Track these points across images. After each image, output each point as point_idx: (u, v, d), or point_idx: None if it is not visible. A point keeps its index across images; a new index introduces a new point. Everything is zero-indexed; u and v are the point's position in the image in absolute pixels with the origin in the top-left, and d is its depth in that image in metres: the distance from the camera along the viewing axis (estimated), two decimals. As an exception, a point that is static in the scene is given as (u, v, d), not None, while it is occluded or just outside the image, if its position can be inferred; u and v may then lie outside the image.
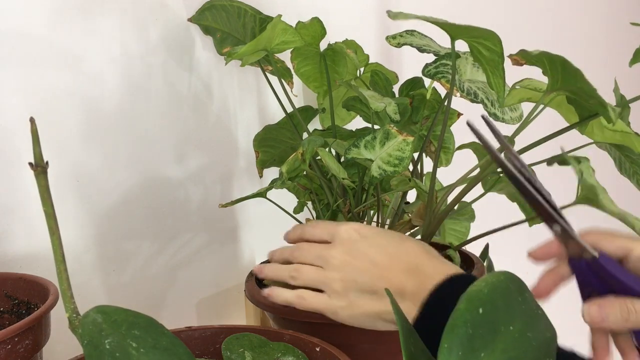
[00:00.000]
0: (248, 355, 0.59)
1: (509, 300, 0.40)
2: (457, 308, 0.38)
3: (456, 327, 0.37)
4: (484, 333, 0.38)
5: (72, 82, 0.74)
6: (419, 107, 0.80)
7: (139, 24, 0.80)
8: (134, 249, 0.82)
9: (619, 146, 0.72)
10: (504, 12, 1.54)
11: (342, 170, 0.68)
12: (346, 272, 0.61)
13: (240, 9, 0.84)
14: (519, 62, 0.62)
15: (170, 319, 0.86)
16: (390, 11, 0.68)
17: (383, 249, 0.61)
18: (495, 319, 0.39)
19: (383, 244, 0.62)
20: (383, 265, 0.60)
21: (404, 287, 0.58)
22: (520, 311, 0.41)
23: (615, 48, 1.88)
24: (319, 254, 0.64)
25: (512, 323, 0.40)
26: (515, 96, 0.71)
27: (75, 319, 0.41)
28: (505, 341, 0.38)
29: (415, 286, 0.57)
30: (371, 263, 0.61)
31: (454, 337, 0.37)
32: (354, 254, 0.62)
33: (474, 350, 0.37)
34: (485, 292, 0.39)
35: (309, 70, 0.87)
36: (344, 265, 0.62)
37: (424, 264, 0.59)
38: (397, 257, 0.60)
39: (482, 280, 0.40)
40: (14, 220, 0.70)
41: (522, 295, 0.42)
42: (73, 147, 0.75)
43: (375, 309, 0.60)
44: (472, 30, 0.63)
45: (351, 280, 0.61)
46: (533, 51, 0.61)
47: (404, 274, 0.59)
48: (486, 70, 0.67)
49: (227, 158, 0.94)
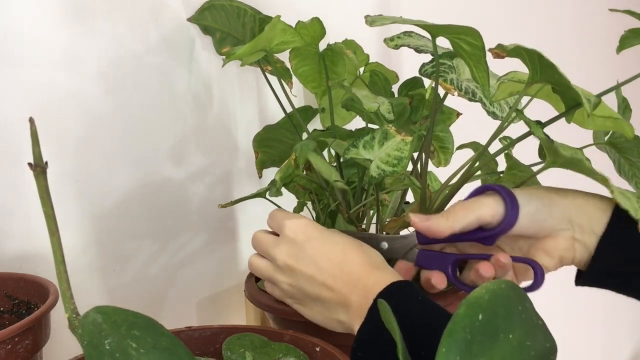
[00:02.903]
0: (249, 355, 0.59)
1: (509, 308, 0.40)
2: (456, 313, 0.38)
3: (455, 332, 0.37)
4: (482, 339, 0.37)
5: (71, 82, 0.74)
6: (418, 106, 0.80)
7: (138, 24, 0.80)
8: (134, 249, 0.82)
9: (619, 148, 0.72)
10: (504, 11, 1.54)
11: (334, 173, 0.68)
12: (292, 278, 0.64)
13: (240, 9, 0.84)
14: (500, 55, 0.63)
15: (170, 319, 0.86)
16: (368, 16, 0.69)
17: (327, 258, 0.62)
18: (494, 326, 0.38)
19: (328, 251, 0.63)
20: (328, 274, 0.62)
21: (349, 300, 0.60)
22: (520, 320, 0.40)
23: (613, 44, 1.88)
24: (266, 250, 0.67)
25: (512, 331, 0.39)
26: (505, 90, 0.71)
27: (75, 319, 0.41)
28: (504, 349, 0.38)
29: (359, 298, 0.59)
30: (317, 271, 0.62)
31: (452, 342, 0.36)
32: (298, 259, 0.64)
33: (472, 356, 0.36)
34: (486, 299, 0.39)
35: (307, 70, 0.87)
36: (289, 269, 0.64)
37: (366, 275, 0.60)
38: (341, 268, 0.62)
39: (483, 287, 0.40)
40: (14, 220, 0.70)
41: (522, 304, 0.41)
42: (73, 147, 0.75)
43: (322, 315, 0.63)
44: (450, 28, 0.64)
45: (298, 286, 0.64)
46: (509, 45, 0.61)
47: (348, 286, 0.61)
48: (469, 65, 0.67)
49: (227, 158, 0.94)
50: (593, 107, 0.60)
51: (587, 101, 0.60)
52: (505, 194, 0.62)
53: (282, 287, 0.65)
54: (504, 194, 0.62)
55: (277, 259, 0.65)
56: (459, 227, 0.62)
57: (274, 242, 0.66)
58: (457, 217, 0.62)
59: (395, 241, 0.68)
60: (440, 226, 0.62)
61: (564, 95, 0.64)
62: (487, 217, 0.62)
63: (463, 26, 0.62)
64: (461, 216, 0.62)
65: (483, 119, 0.77)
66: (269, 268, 0.67)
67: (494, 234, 0.63)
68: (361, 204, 0.76)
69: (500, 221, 0.62)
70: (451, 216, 0.62)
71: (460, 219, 0.62)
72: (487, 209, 0.62)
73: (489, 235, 0.63)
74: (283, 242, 0.65)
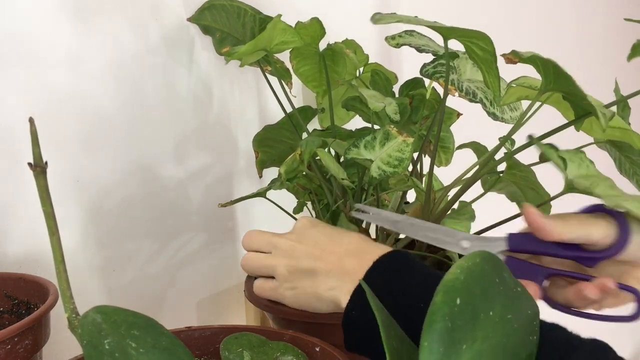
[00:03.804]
0: (247, 355, 0.59)
1: (486, 284, 0.39)
2: (433, 301, 0.37)
3: (434, 322, 0.36)
4: (462, 324, 0.36)
5: (72, 82, 0.74)
6: (418, 107, 0.80)
7: (138, 24, 0.80)
8: (134, 249, 0.82)
9: (619, 146, 0.72)
10: (504, 10, 1.54)
11: (341, 171, 0.68)
12: (292, 257, 0.65)
13: (240, 9, 0.84)
14: (513, 61, 0.62)
15: (170, 319, 0.86)
16: (375, 14, 0.68)
17: (328, 234, 0.65)
18: (473, 307, 0.37)
19: (328, 231, 0.66)
20: (325, 247, 0.63)
21: (345, 267, 0.61)
22: (498, 293, 0.39)
23: (613, 44, 1.88)
24: (269, 240, 0.68)
25: (492, 308, 0.38)
26: (513, 94, 0.71)
27: (74, 319, 0.41)
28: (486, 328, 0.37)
29: (356, 265, 0.60)
30: (314, 246, 0.64)
31: (433, 334, 0.35)
32: (301, 239, 0.66)
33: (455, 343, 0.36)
34: (462, 279, 0.38)
35: (307, 70, 0.87)
36: (291, 250, 0.65)
37: (364, 248, 0.62)
38: (340, 241, 0.64)
39: (457, 266, 0.38)
40: (14, 220, 0.70)
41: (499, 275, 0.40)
42: (73, 147, 0.75)
43: (312, 289, 0.63)
44: (461, 31, 0.63)
45: (295, 264, 0.64)
46: (525, 53, 0.61)
47: (346, 256, 0.62)
48: (482, 69, 0.67)
49: (227, 158, 0.94)
50: (608, 121, 0.60)
51: (602, 115, 0.59)
52: (618, 218, 0.60)
53: (279, 271, 0.66)
54: (618, 218, 0.60)
55: (281, 243, 0.66)
56: (568, 236, 0.59)
57: (277, 234, 0.68)
58: (570, 226, 0.59)
59: (480, 242, 0.63)
60: (555, 227, 0.59)
61: (576, 104, 0.64)
62: (596, 238, 0.59)
63: (473, 30, 0.62)
64: (574, 226, 0.60)
65: (483, 120, 0.77)
66: (267, 256, 0.67)
67: (598, 257, 0.60)
68: (361, 204, 0.76)
69: (609, 245, 0.60)
70: (565, 223, 0.60)
71: (573, 230, 0.59)
72: (600, 230, 0.59)
73: (592, 257, 0.60)
74: (287, 234, 0.68)
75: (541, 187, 0.74)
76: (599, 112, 0.59)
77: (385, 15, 0.68)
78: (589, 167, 0.61)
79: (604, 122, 0.59)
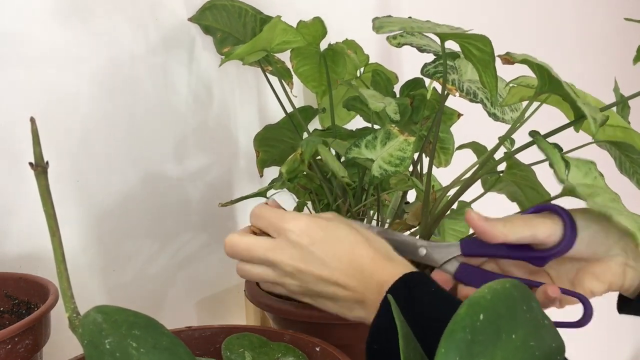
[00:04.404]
0: (248, 355, 0.59)
1: (513, 308, 0.39)
2: (457, 313, 0.37)
3: (455, 331, 0.36)
4: (483, 339, 0.37)
5: (72, 82, 0.74)
6: (419, 107, 0.80)
7: (138, 24, 0.80)
8: (134, 249, 0.82)
9: (619, 145, 0.72)
10: (504, 10, 1.54)
11: (342, 169, 0.68)
12: (302, 281, 0.61)
13: (241, 9, 0.84)
14: (509, 61, 0.62)
15: (170, 319, 0.86)
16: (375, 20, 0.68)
17: (337, 258, 0.60)
18: (496, 326, 0.38)
19: (336, 251, 0.60)
20: (340, 273, 0.59)
21: (365, 297, 0.58)
22: (524, 320, 0.40)
23: (613, 44, 1.88)
24: (264, 257, 0.61)
25: (515, 331, 0.39)
26: (516, 95, 0.71)
27: (75, 318, 0.41)
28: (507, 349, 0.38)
29: (374, 294, 0.57)
30: (328, 272, 0.59)
31: (451, 342, 0.36)
32: (306, 262, 0.60)
33: (472, 356, 0.36)
34: (488, 299, 0.38)
35: (307, 69, 0.87)
36: (297, 272, 0.60)
37: (379, 270, 0.59)
38: (352, 266, 0.59)
39: (486, 286, 0.39)
40: (14, 220, 0.70)
41: (527, 303, 0.40)
42: (73, 147, 0.75)
43: (340, 311, 0.61)
44: (459, 35, 0.63)
45: (308, 287, 0.61)
46: (518, 55, 0.61)
47: (362, 284, 0.59)
48: (478, 69, 0.67)
49: (227, 158, 0.94)
50: (599, 126, 0.60)
51: (592, 120, 0.59)
52: (565, 216, 0.60)
53: (291, 289, 0.62)
54: (564, 216, 0.60)
55: (283, 264, 0.60)
56: (513, 237, 0.60)
57: (271, 246, 0.61)
58: (514, 227, 0.60)
59: (436, 249, 0.64)
60: (496, 230, 0.60)
61: (573, 106, 0.64)
62: (541, 237, 0.60)
63: (472, 34, 0.62)
64: (519, 227, 0.60)
65: (483, 120, 0.77)
66: (271, 274, 0.62)
67: (547, 256, 0.61)
68: (362, 204, 0.76)
69: (556, 243, 0.60)
70: (508, 224, 0.60)
71: (517, 230, 0.60)
72: (545, 229, 0.60)
73: (541, 256, 0.61)
74: (285, 246, 0.60)
75: (541, 187, 0.74)
76: (590, 117, 0.59)
77: (386, 23, 0.67)
78: (596, 179, 0.61)
79: (594, 127, 0.59)
